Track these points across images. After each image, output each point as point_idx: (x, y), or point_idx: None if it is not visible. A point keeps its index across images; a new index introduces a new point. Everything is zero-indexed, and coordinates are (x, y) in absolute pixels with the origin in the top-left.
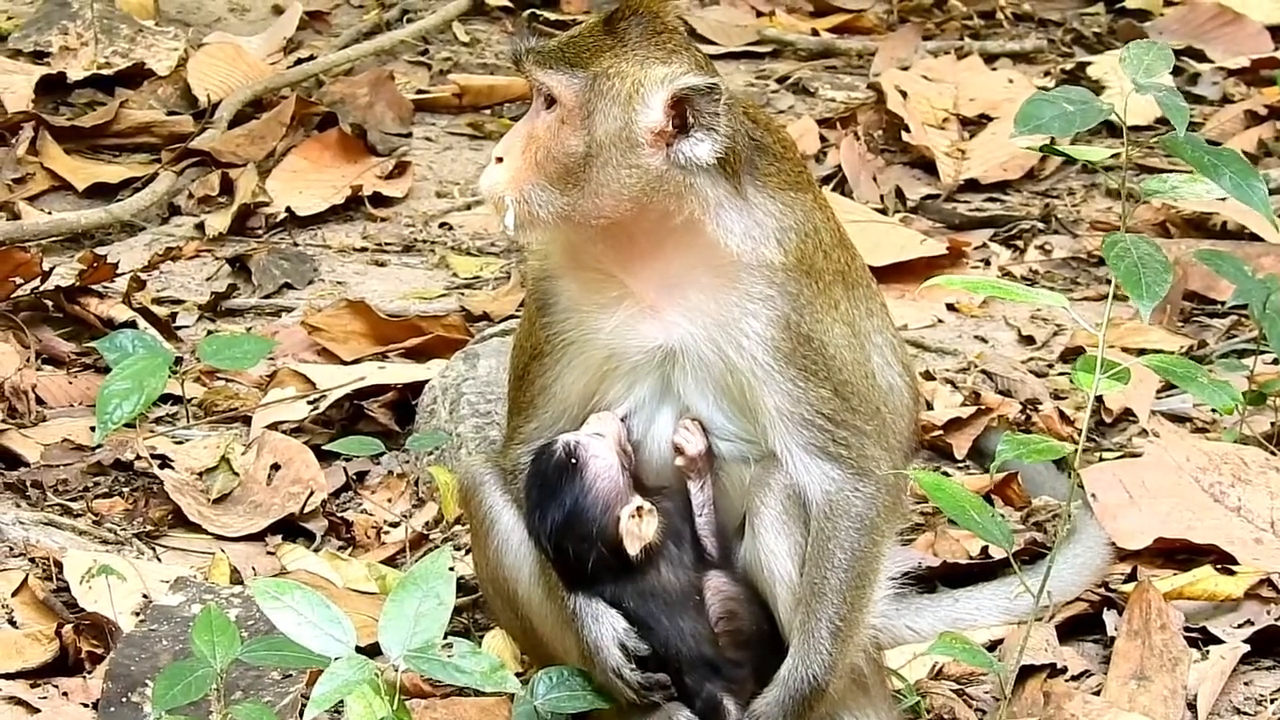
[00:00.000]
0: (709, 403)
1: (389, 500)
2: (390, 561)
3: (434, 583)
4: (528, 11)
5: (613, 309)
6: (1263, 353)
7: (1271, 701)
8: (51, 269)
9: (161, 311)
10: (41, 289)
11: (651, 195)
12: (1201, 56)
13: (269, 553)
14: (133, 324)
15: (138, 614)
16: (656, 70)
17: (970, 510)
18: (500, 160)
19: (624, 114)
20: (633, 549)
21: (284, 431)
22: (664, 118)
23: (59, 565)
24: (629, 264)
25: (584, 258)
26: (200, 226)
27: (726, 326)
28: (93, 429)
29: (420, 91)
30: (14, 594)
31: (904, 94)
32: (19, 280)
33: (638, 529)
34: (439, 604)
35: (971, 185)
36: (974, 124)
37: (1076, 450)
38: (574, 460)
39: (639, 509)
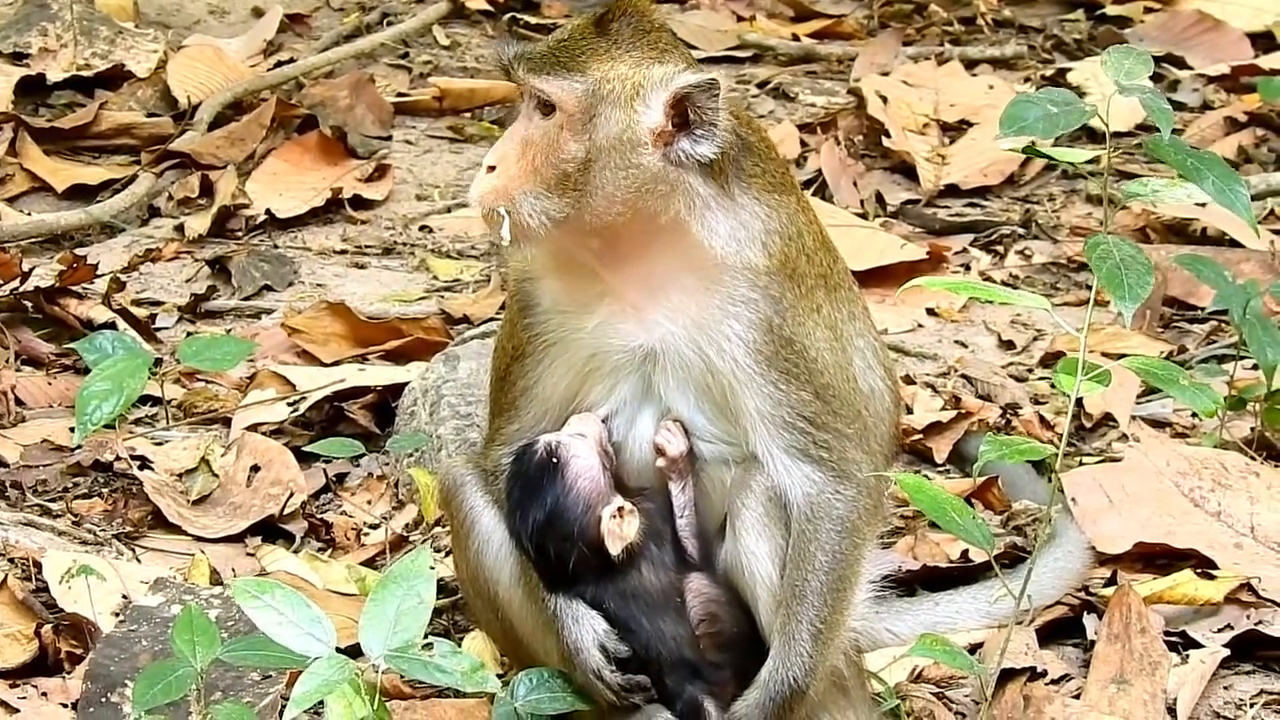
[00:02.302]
0: (690, 404)
1: (369, 502)
2: (370, 563)
3: (415, 582)
4: (508, 15)
5: (595, 308)
6: (1243, 358)
7: (1251, 706)
8: (31, 270)
9: (141, 313)
10: (21, 290)
11: (645, 196)
12: (1182, 63)
13: (248, 554)
14: (112, 325)
15: (117, 614)
16: (655, 71)
17: (951, 512)
18: (492, 169)
19: (626, 116)
20: (614, 549)
21: (264, 433)
22: (664, 117)
23: (38, 565)
24: (613, 263)
25: (568, 258)
26: (180, 228)
27: (708, 328)
28: (72, 430)
29: (400, 94)
30: None
31: (884, 99)
32: None
33: (619, 529)
34: (420, 603)
35: (952, 190)
36: (954, 129)
37: (1057, 454)
38: (555, 460)
39: (620, 509)
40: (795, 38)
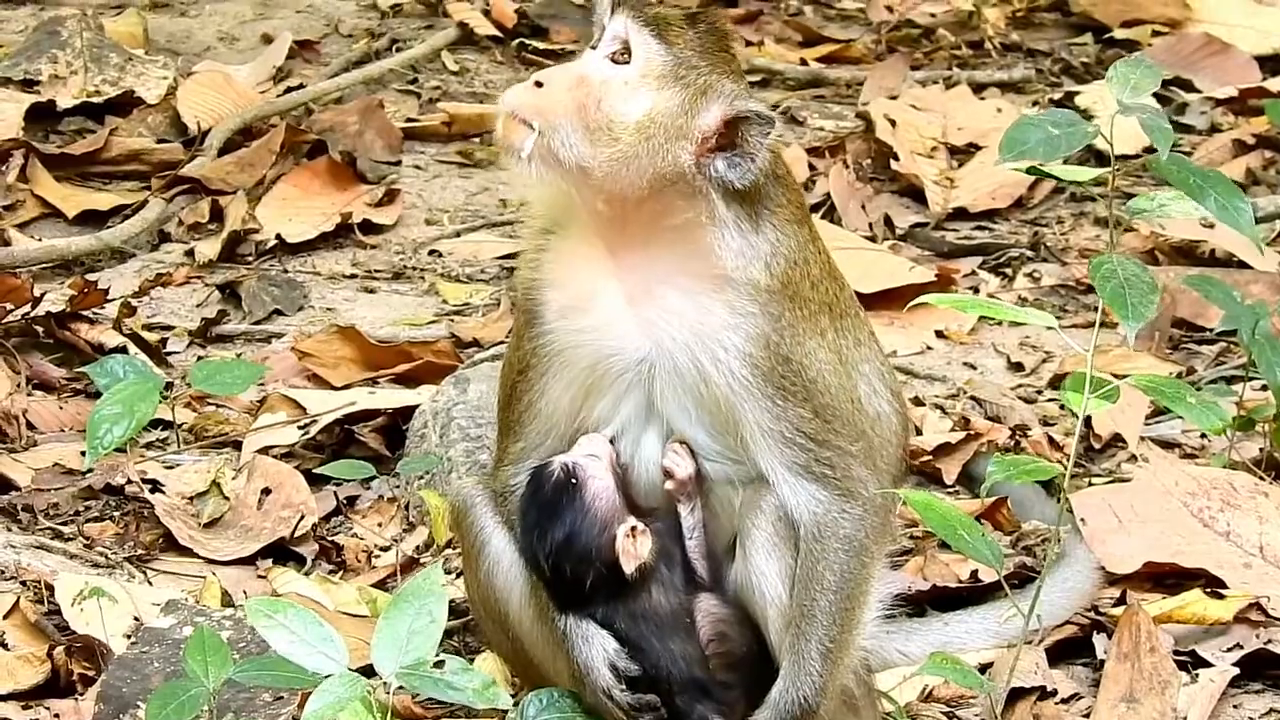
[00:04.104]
0: (690, 419)
1: (379, 524)
2: (381, 585)
3: (426, 601)
4: (516, 41)
5: (594, 303)
6: (1251, 379)
7: None
8: (42, 295)
9: (152, 337)
10: (32, 315)
11: (666, 187)
12: (1189, 86)
13: (260, 576)
14: (123, 349)
15: (129, 636)
16: (727, 83)
17: (960, 531)
18: (540, 85)
19: (688, 106)
20: (629, 568)
21: (274, 456)
22: (713, 128)
23: (50, 588)
24: (618, 249)
25: (576, 251)
26: (190, 253)
27: (705, 337)
28: (83, 454)
29: (409, 120)
30: (5, 616)
31: (893, 123)
32: (10, 306)
33: (633, 548)
34: (431, 622)
35: (960, 213)
36: (962, 153)
37: (1066, 474)
38: (574, 480)
39: (633, 528)
40: (803, 62)
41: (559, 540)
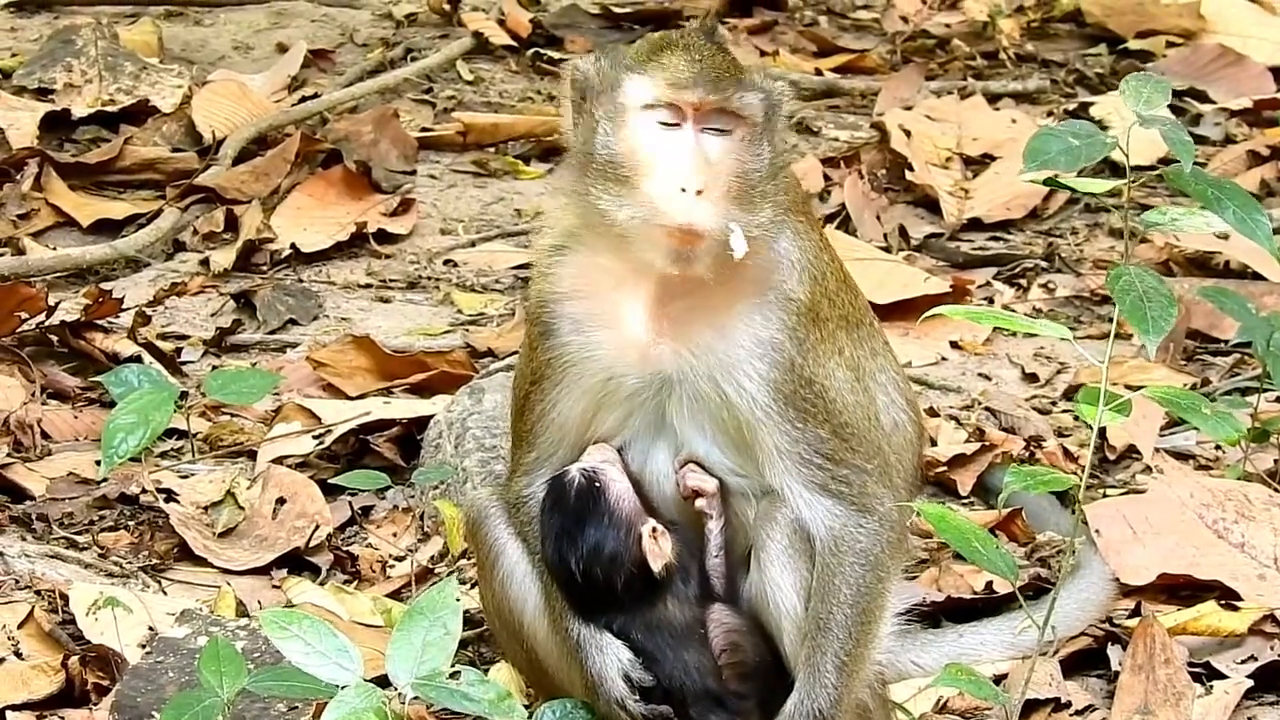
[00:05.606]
0: (705, 437)
1: (394, 534)
2: (396, 595)
3: (441, 612)
4: (531, 51)
5: (613, 325)
6: (1266, 390)
7: None
8: (57, 304)
9: (166, 347)
10: (47, 324)
11: None
12: (1204, 97)
13: (274, 586)
14: (138, 359)
15: (144, 646)
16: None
17: (975, 542)
18: (700, 193)
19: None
20: (656, 566)
21: (289, 466)
22: None
23: (65, 597)
24: (677, 285)
25: (595, 264)
26: (205, 262)
27: (728, 363)
28: (98, 463)
29: (424, 129)
30: (20, 626)
31: (907, 133)
32: (24, 315)
33: (657, 548)
34: (446, 633)
35: (975, 224)
36: (977, 163)
37: (1080, 485)
38: (596, 485)
39: (654, 529)
40: (818, 72)
41: (590, 545)
